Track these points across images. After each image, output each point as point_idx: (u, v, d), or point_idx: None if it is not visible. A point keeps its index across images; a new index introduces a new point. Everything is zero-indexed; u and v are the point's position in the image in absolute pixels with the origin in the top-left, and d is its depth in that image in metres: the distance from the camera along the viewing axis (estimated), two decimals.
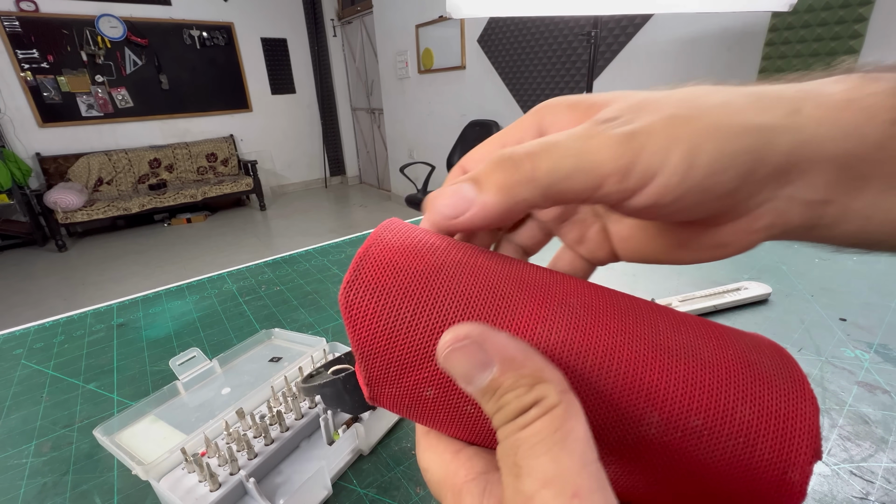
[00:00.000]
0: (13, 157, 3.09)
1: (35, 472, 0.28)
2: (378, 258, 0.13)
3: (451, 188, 0.12)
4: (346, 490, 0.26)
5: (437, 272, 0.12)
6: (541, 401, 0.09)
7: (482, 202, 0.12)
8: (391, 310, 0.12)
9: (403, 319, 0.12)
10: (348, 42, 4.48)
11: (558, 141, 0.11)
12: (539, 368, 0.10)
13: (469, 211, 0.12)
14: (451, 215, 0.12)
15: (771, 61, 1.53)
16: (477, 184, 0.12)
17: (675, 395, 0.11)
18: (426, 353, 0.11)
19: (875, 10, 1.29)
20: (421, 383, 0.12)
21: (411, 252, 0.13)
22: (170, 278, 2.61)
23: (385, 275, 0.12)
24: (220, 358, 0.36)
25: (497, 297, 0.12)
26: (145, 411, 0.31)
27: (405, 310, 0.12)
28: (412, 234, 0.14)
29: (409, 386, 0.12)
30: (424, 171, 3.14)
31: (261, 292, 0.51)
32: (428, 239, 0.13)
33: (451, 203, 0.12)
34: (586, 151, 0.11)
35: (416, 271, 0.12)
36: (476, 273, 0.12)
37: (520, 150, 0.12)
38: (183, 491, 0.25)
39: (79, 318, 0.48)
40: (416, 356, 0.12)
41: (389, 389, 0.12)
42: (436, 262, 0.12)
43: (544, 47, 2.35)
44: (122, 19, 3.52)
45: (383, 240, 0.13)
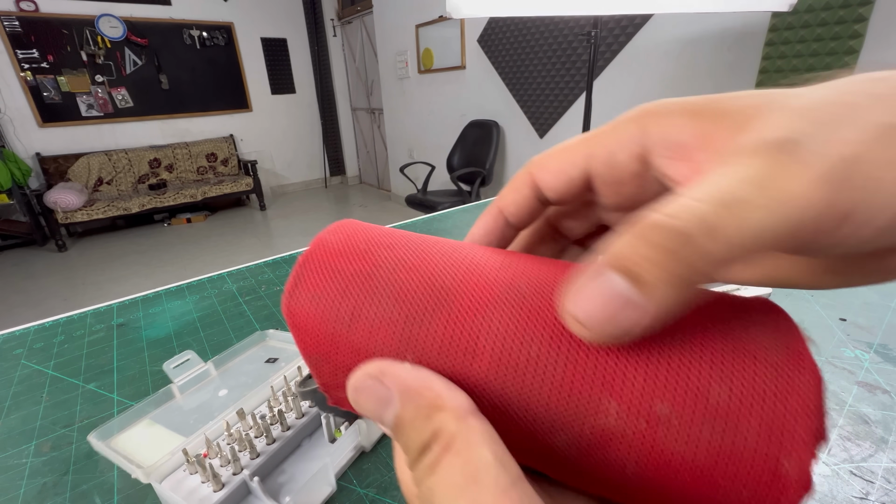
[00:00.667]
0: (13, 157, 3.09)
1: (35, 472, 0.28)
2: (318, 262, 0.12)
3: (594, 282, 0.08)
4: (346, 490, 0.26)
5: (376, 271, 0.11)
6: (439, 433, 0.09)
7: (655, 308, 0.08)
8: (330, 314, 0.11)
9: (342, 322, 0.11)
10: (348, 42, 4.48)
11: (740, 195, 0.08)
12: (436, 395, 0.09)
13: (634, 318, 0.08)
14: (604, 324, 0.08)
15: (771, 61, 1.53)
16: (635, 279, 0.08)
17: (633, 376, 0.09)
18: (369, 354, 0.11)
19: (875, 10, 1.30)
20: None
21: (353, 253, 0.12)
22: (170, 278, 2.61)
23: (324, 279, 0.12)
24: (215, 360, 0.36)
25: (436, 290, 0.11)
26: (140, 415, 0.31)
27: (343, 313, 0.11)
28: (359, 234, 0.13)
29: None
30: (424, 171, 3.14)
31: (261, 292, 0.51)
32: (376, 237, 0.13)
33: (600, 307, 0.08)
34: (783, 201, 0.08)
35: (356, 272, 0.12)
36: (419, 268, 0.11)
37: (686, 216, 0.08)
38: (186, 492, 0.25)
39: (79, 318, 0.48)
40: (361, 358, 0.11)
41: (345, 394, 0.11)
42: (377, 261, 0.12)
43: (544, 47, 2.35)
44: (121, 19, 3.52)
45: (326, 243, 0.13)
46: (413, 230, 0.70)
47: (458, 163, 2.93)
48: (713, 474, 0.09)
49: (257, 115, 4.41)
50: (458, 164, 2.92)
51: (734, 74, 1.65)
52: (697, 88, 1.78)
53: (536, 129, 2.58)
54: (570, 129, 2.38)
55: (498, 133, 2.78)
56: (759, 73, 1.57)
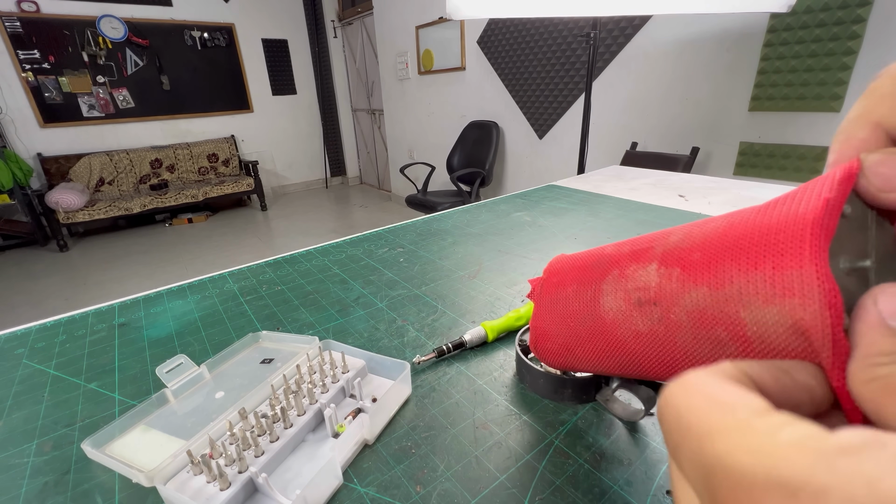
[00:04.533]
0: (14, 158, 3.09)
1: (36, 472, 0.29)
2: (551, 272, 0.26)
3: None
4: (346, 488, 0.26)
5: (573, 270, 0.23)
6: None
7: None
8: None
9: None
10: (349, 43, 4.48)
11: None
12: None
13: None
14: None
15: (769, 62, 1.54)
16: None
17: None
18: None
19: (873, 11, 1.30)
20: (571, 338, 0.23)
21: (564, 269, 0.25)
22: (171, 278, 2.61)
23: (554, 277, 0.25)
24: (209, 363, 0.36)
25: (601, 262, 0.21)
26: (135, 421, 0.31)
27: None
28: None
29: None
30: (424, 171, 3.14)
31: (262, 292, 0.52)
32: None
33: None
34: None
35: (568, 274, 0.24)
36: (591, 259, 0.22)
37: None
38: (192, 492, 0.25)
39: (80, 318, 0.48)
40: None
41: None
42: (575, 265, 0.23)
43: (544, 49, 2.36)
44: (123, 20, 3.53)
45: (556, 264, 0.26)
46: (413, 230, 0.70)
47: (458, 163, 2.93)
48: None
49: (258, 115, 4.41)
50: (458, 165, 2.92)
51: (733, 75, 1.65)
52: (696, 89, 1.78)
53: (536, 129, 2.59)
54: (570, 130, 2.38)
55: (497, 134, 2.78)
56: (758, 74, 1.57)
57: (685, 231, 0.17)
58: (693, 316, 0.15)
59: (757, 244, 0.13)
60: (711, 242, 0.15)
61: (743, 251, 0.13)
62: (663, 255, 0.17)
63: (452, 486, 0.25)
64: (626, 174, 1.03)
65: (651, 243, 0.18)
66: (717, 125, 1.75)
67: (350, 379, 0.33)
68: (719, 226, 0.15)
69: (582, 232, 0.66)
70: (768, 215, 0.13)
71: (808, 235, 0.11)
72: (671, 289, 0.16)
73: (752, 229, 0.13)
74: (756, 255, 0.13)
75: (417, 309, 0.46)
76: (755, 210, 0.14)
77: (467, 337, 0.38)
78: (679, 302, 0.16)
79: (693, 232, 0.16)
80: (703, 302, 0.15)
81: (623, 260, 0.19)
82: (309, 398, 0.31)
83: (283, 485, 0.26)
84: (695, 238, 0.16)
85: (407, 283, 0.52)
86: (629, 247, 0.19)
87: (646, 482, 0.25)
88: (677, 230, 0.17)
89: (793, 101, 1.50)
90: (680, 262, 0.16)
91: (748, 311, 0.13)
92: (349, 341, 0.41)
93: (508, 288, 0.49)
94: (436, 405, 0.32)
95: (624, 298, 0.18)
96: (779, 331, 0.12)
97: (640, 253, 0.18)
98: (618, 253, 0.20)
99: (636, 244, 0.19)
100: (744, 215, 0.14)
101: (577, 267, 0.23)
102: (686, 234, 0.16)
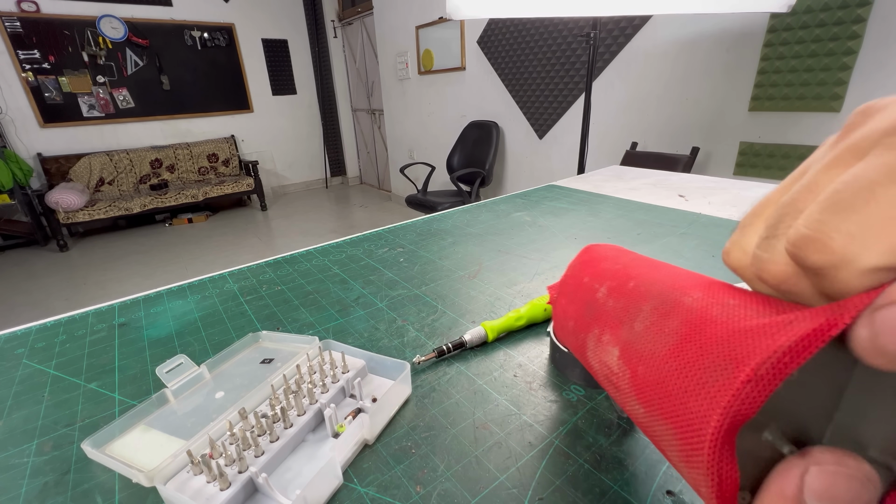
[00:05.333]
0: (14, 157, 3.09)
1: (36, 472, 0.29)
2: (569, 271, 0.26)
3: None
4: (346, 488, 0.26)
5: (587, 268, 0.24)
6: None
7: None
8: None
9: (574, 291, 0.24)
10: (349, 43, 4.48)
11: None
12: None
13: None
14: None
15: (769, 62, 1.54)
16: None
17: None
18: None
19: (873, 11, 1.30)
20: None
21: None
22: (171, 278, 2.61)
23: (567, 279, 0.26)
24: (209, 363, 0.36)
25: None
26: (135, 421, 0.31)
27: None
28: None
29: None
30: (424, 171, 3.14)
31: (262, 292, 0.52)
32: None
33: None
34: None
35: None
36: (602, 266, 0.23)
37: None
38: (192, 492, 0.25)
39: (80, 318, 0.48)
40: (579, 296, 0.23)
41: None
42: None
43: (543, 49, 2.36)
44: (123, 20, 3.53)
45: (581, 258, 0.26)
46: (413, 230, 0.70)
47: (458, 163, 2.93)
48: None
49: (258, 115, 4.41)
50: (458, 165, 2.92)
51: (732, 75, 1.65)
52: (696, 89, 1.78)
53: (536, 129, 2.59)
54: (570, 130, 2.38)
55: (498, 134, 2.78)
56: (758, 74, 1.57)
57: (651, 319, 0.15)
58: (639, 423, 0.15)
59: (678, 398, 0.12)
60: (656, 362, 0.14)
61: (668, 397, 0.13)
62: (625, 343, 0.17)
63: (452, 486, 0.25)
64: (626, 174, 1.03)
65: (627, 312, 0.17)
66: (717, 125, 1.75)
67: (350, 379, 0.33)
68: (671, 341, 0.14)
69: (582, 232, 0.66)
70: (704, 357, 0.12)
71: (715, 418, 0.10)
72: (624, 386, 0.16)
73: (683, 369, 0.12)
74: (676, 410, 0.12)
75: (417, 309, 0.46)
76: (709, 325, 0.12)
77: (467, 337, 0.38)
78: (628, 403, 0.16)
79: (654, 330, 0.15)
80: (642, 419, 0.15)
81: (604, 321, 0.19)
82: (309, 398, 0.31)
83: (283, 485, 0.26)
84: (650, 342, 0.15)
85: (407, 283, 0.52)
86: (614, 301, 0.19)
87: (646, 482, 0.25)
88: (651, 303, 0.16)
89: (793, 101, 1.50)
90: (632, 365, 0.15)
91: (671, 454, 0.13)
92: (349, 341, 0.41)
93: (508, 288, 0.49)
94: (436, 405, 0.32)
95: (599, 365, 0.19)
96: (694, 482, 0.12)
97: (615, 323, 0.18)
98: (604, 305, 0.19)
99: (620, 300, 0.18)
100: (694, 331, 0.13)
101: (579, 299, 0.22)
102: (648, 327, 0.15)
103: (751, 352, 0.10)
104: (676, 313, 0.14)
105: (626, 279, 0.19)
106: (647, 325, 0.15)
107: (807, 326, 0.09)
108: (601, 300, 0.20)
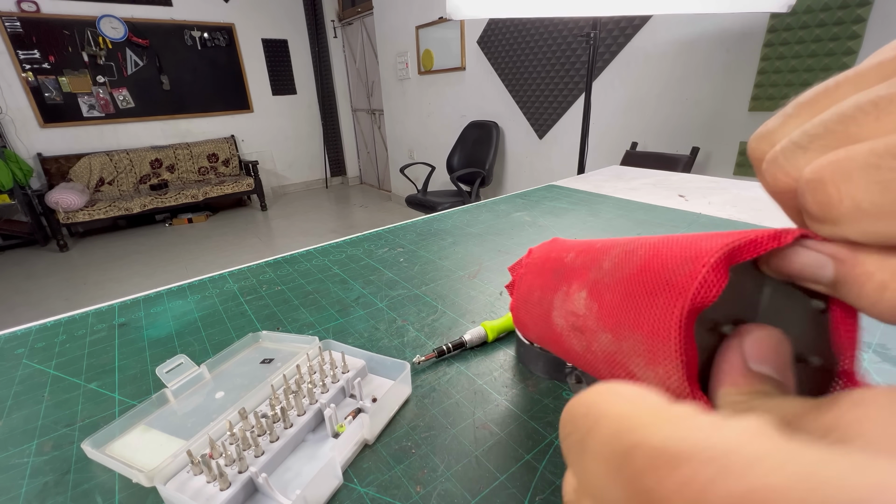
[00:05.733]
0: (14, 157, 3.09)
1: (36, 472, 0.29)
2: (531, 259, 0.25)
3: None
4: (346, 488, 0.26)
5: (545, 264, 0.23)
6: None
7: None
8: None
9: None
10: (349, 43, 4.48)
11: None
12: None
13: None
14: None
15: (769, 62, 1.54)
16: None
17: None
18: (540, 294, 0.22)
19: (873, 11, 1.30)
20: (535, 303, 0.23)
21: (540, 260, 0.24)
22: (171, 278, 2.61)
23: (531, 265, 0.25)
24: (209, 363, 0.36)
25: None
26: (135, 421, 0.31)
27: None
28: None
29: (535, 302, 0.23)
30: (424, 171, 3.14)
31: (262, 292, 0.52)
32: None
33: None
34: None
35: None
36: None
37: None
38: (192, 492, 0.25)
39: (80, 318, 0.48)
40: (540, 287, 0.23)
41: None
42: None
43: (543, 49, 2.36)
44: (123, 20, 3.53)
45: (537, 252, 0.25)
46: (413, 230, 0.70)
47: (458, 163, 2.93)
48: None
49: (258, 115, 4.42)
50: (458, 165, 2.92)
51: (732, 75, 1.65)
52: (696, 89, 1.78)
53: (536, 129, 2.59)
54: (570, 130, 2.38)
55: (498, 134, 2.79)
56: (758, 74, 1.57)
57: (618, 257, 0.16)
58: (605, 357, 0.16)
59: (645, 301, 0.13)
60: (623, 283, 0.15)
61: (634, 307, 0.14)
62: (592, 283, 0.17)
63: (452, 486, 0.25)
64: (626, 174, 1.03)
65: (595, 260, 0.18)
66: (717, 125, 1.75)
67: (350, 379, 0.33)
68: (637, 263, 0.15)
69: (582, 232, 0.66)
70: (668, 264, 0.13)
71: (678, 311, 0.12)
72: (591, 323, 0.16)
73: (649, 279, 0.13)
74: (642, 314, 0.13)
75: (417, 309, 0.46)
76: (672, 247, 0.14)
77: (467, 337, 0.38)
78: (595, 338, 0.16)
79: (621, 262, 0.16)
80: (609, 347, 0.15)
81: (572, 276, 0.19)
82: (309, 398, 0.31)
83: (283, 485, 0.26)
84: (618, 271, 0.16)
85: (407, 283, 0.52)
86: (583, 258, 0.19)
87: None
88: (619, 248, 0.17)
89: None
90: (599, 297, 0.16)
91: (638, 369, 0.14)
92: (349, 341, 0.41)
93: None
94: (436, 405, 0.32)
95: (565, 318, 0.19)
96: (662, 390, 0.12)
97: (583, 271, 0.19)
98: (572, 264, 0.20)
99: (588, 256, 0.19)
100: (658, 252, 0.14)
101: (547, 269, 0.23)
102: (616, 262, 0.16)
103: (709, 249, 0.12)
104: (642, 248, 0.15)
105: (593, 244, 0.20)
106: (614, 262, 0.16)
107: (755, 235, 0.11)
108: (569, 262, 0.20)
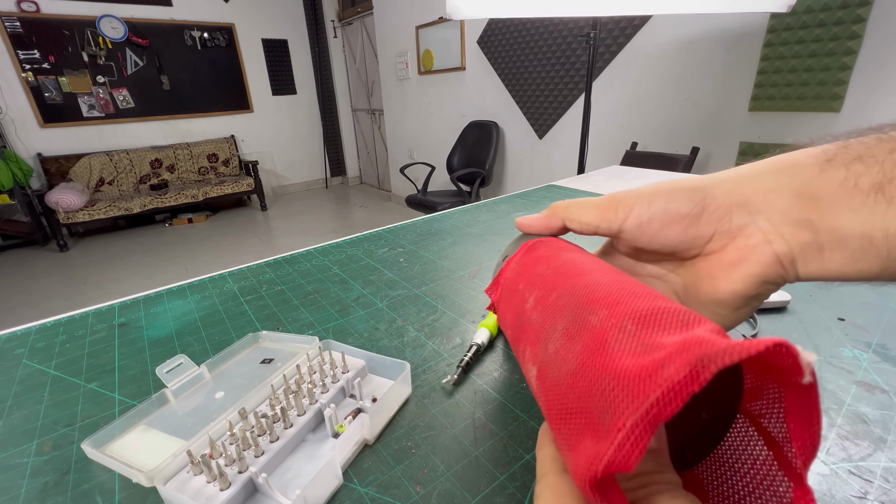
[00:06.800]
0: (14, 157, 3.09)
1: (36, 472, 0.29)
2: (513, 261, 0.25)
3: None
4: (346, 488, 0.26)
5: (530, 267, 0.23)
6: None
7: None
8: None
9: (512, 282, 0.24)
10: (349, 43, 4.48)
11: None
12: None
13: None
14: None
15: (769, 62, 1.54)
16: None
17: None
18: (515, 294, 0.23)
19: (873, 11, 1.30)
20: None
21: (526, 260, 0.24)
22: (171, 278, 2.61)
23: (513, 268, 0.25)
24: (209, 363, 0.36)
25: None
26: (135, 421, 0.31)
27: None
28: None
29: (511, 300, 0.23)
30: (424, 171, 3.14)
31: (262, 292, 0.52)
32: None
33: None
34: None
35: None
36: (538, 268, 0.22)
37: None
38: (192, 492, 0.25)
39: (80, 318, 0.48)
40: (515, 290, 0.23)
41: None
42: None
43: (543, 49, 2.36)
44: (123, 20, 3.53)
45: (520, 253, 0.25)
46: (413, 230, 0.70)
47: (458, 163, 2.93)
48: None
49: (258, 115, 4.42)
50: (458, 165, 2.92)
51: (732, 75, 1.65)
52: (696, 89, 1.78)
53: (536, 129, 2.59)
54: (570, 130, 2.38)
55: (497, 134, 2.78)
56: (758, 74, 1.57)
57: (561, 341, 0.16)
58: (548, 418, 0.16)
59: (571, 428, 0.13)
60: (560, 389, 0.14)
61: (566, 428, 0.13)
62: (541, 364, 0.17)
63: (452, 486, 0.25)
64: (626, 174, 1.03)
65: (545, 329, 0.17)
66: (717, 125, 1.75)
67: (350, 379, 0.33)
68: (573, 364, 0.14)
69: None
70: (592, 394, 0.12)
71: (591, 473, 0.11)
72: (540, 401, 0.17)
73: (576, 403, 0.13)
74: (567, 442, 0.13)
75: (417, 309, 0.46)
76: (604, 353, 0.13)
77: (478, 340, 0.37)
78: (542, 406, 0.17)
79: (561, 354, 0.15)
80: (553, 433, 0.15)
81: (528, 335, 0.19)
82: (309, 398, 0.31)
83: (283, 485, 0.26)
84: (558, 367, 0.15)
85: (407, 283, 0.52)
86: (537, 315, 0.19)
87: None
88: (565, 319, 0.16)
89: (793, 101, 1.50)
90: (544, 385, 0.16)
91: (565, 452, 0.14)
92: (349, 341, 0.41)
93: None
94: (436, 405, 0.32)
95: (528, 377, 0.19)
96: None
97: (535, 339, 0.18)
98: (529, 320, 0.19)
99: (543, 316, 0.18)
100: (585, 369, 0.13)
101: (512, 309, 0.22)
102: (557, 350, 0.16)
103: (624, 407, 0.11)
104: (581, 336, 0.15)
105: (551, 289, 0.19)
106: (556, 349, 0.16)
107: (673, 377, 0.10)
108: (528, 313, 0.20)
